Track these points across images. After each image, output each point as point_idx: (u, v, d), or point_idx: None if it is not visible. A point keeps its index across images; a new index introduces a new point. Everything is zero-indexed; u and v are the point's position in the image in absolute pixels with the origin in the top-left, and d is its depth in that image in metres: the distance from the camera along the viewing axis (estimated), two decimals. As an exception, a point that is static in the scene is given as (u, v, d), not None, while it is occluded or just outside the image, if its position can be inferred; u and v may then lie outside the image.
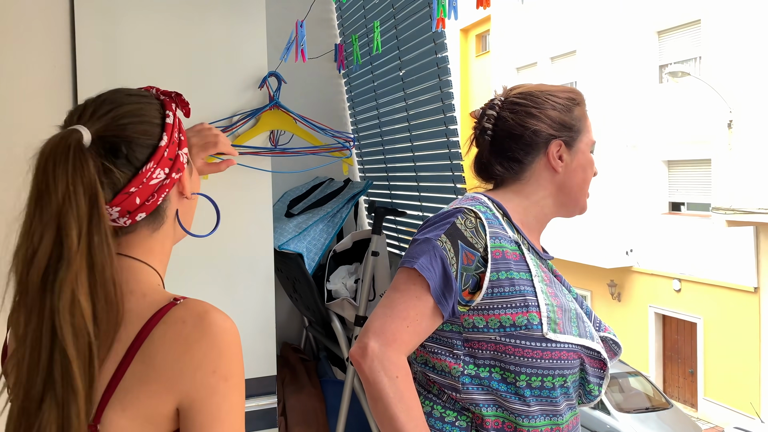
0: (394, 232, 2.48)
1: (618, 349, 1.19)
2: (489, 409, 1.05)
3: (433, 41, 1.88)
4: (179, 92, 0.89)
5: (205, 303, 0.78)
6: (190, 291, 1.53)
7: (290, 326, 2.64)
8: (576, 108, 1.16)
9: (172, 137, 0.81)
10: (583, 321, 1.11)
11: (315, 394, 2.21)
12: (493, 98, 1.19)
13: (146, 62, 1.74)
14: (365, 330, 1.02)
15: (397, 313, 1.01)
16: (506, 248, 1.06)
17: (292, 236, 2.12)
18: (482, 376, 1.05)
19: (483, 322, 1.04)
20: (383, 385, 0.97)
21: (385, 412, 0.97)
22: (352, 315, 2.06)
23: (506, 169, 1.15)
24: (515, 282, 1.04)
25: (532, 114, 1.12)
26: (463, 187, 1.91)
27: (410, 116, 2.16)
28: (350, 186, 2.39)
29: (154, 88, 0.88)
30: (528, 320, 1.03)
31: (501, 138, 1.14)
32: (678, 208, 10.86)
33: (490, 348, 1.05)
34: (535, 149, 1.13)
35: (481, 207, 1.09)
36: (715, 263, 9.77)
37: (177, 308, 0.75)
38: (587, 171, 1.16)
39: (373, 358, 0.98)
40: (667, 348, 11.18)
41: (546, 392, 1.05)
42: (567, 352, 1.05)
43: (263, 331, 1.84)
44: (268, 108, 1.83)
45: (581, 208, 1.19)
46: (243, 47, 1.82)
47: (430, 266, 1.02)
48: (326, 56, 2.57)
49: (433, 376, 1.09)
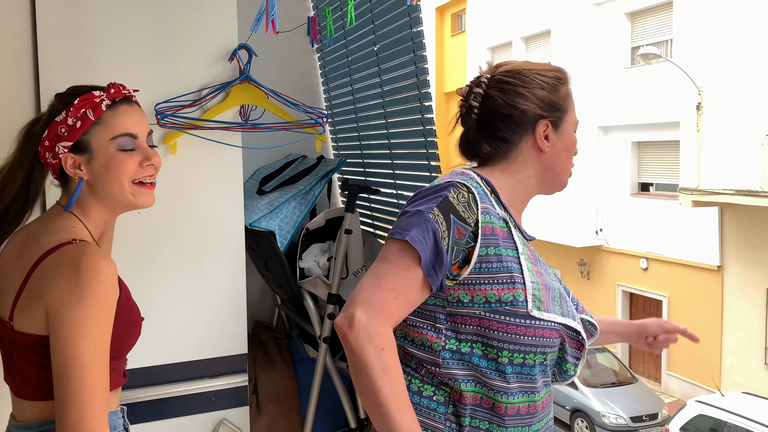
0: (367, 210, 2.47)
1: (594, 331, 1.20)
2: (468, 385, 1.05)
3: (408, 15, 1.85)
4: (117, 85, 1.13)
5: (92, 249, 1.03)
6: (159, 269, 1.51)
7: (262, 304, 2.62)
8: (562, 87, 1.15)
9: (60, 126, 1.08)
10: (565, 301, 1.12)
11: (287, 372, 2.21)
12: (479, 75, 1.17)
13: (111, 31, 1.67)
14: (352, 300, 1.00)
15: (386, 285, 1.00)
16: (495, 224, 1.06)
17: (264, 214, 2.09)
18: (463, 351, 1.05)
19: (468, 297, 1.04)
20: (369, 357, 0.96)
21: (369, 384, 0.96)
22: (324, 293, 2.05)
23: (494, 149, 1.14)
24: (503, 258, 1.04)
25: (520, 93, 1.11)
26: (437, 164, 1.90)
27: (385, 92, 2.13)
28: (323, 163, 2.36)
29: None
30: (514, 297, 1.03)
31: (488, 117, 1.13)
32: (647, 189, 11.07)
33: (474, 323, 1.04)
34: (523, 128, 1.12)
35: (473, 182, 1.08)
36: (681, 243, 10.03)
37: (68, 246, 1.03)
38: (571, 150, 1.17)
39: (359, 329, 0.96)
40: (633, 325, 11.47)
41: (527, 369, 1.06)
42: (550, 330, 1.06)
43: (234, 310, 1.82)
44: (238, 82, 1.78)
45: (562, 185, 1.19)
46: (212, 17, 1.76)
47: (422, 239, 1.00)
48: (299, 30, 2.52)
49: (413, 350, 1.09)
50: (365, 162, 2.41)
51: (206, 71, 1.77)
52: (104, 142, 1.09)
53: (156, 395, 1.72)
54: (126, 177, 1.10)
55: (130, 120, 1.11)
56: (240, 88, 1.80)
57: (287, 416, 2.09)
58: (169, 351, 1.74)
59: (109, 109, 1.10)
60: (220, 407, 1.80)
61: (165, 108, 1.70)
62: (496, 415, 1.05)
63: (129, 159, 1.10)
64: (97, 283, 0.99)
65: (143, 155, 1.12)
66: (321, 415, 2.09)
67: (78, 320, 0.97)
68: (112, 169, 1.09)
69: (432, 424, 1.06)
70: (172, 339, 1.74)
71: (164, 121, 1.69)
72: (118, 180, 1.10)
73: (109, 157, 1.09)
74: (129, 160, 1.10)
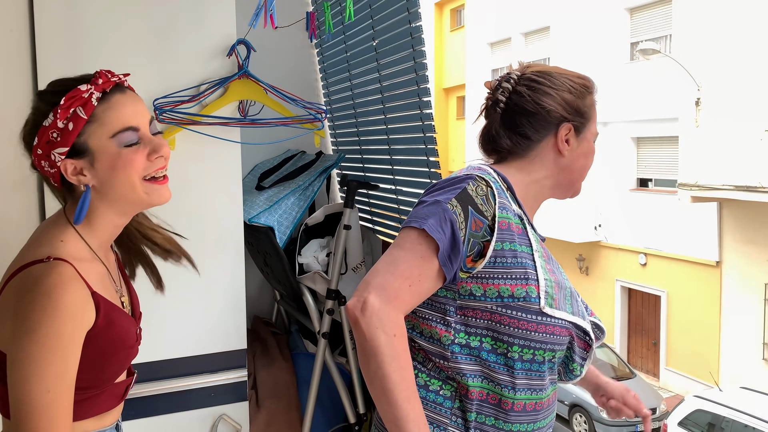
0: (366, 206, 2.47)
1: (601, 335, 1.21)
2: (475, 380, 1.06)
3: (407, 10, 1.84)
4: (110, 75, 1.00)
5: (57, 272, 0.90)
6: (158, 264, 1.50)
7: (261, 300, 2.63)
8: (588, 96, 1.17)
9: (50, 130, 0.95)
10: (576, 300, 1.13)
11: (286, 367, 2.21)
12: (509, 72, 1.18)
13: (109, 27, 1.67)
14: (365, 284, 0.99)
15: (401, 272, 1.00)
16: (511, 220, 1.06)
17: (263, 209, 2.09)
18: (472, 346, 1.06)
19: (480, 290, 1.04)
20: (380, 342, 0.95)
21: (377, 370, 0.96)
22: (323, 289, 2.05)
23: (514, 144, 1.14)
24: (518, 254, 1.04)
25: (548, 93, 1.12)
26: (436, 160, 1.90)
27: (383, 88, 2.13)
28: (322, 159, 2.36)
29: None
30: (527, 293, 1.03)
31: (513, 112, 1.14)
32: (646, 185, 11.07)
33: (485, 317, 1.05)
34: (546, 129, 1.13)
35: (490, 177, 1.09)
36: (680, 238, 10.04)
37: (38, 265, 0.91)
38: (589, 159, 1.19)
39: (372, 314, 0.96)
40: (632, 320, 11.51)
41: (536, 366, 1.07)
42: (560, 329, 1.07)
43: (233, 305, 1.82)
44: (237, 77, 1.78)
45: (575, 192, 1.21)
46: (210, 12, 1.75)
47: (439, 228, 1.00)
48: (297, 25, 2.51)
49: (421, 342, 1.09)
50: (364, 158, 2.41)
51: (205, 67, 1.76)
52: (104, 141, 0.96)
53: (155, 390, 1.73)
54: (136, 175, 0.98)
55: (128, 111, 0.98)
56: (238, 84, 1.80)
57: (286, 411, 2.09)
58: (169, 346, 1.74)
59: (102, 103, 0.96)
60: (220, 402, 1.81)
61: (163, 103, 1.70)
62: (502, 410, 1.06)
63: (135, 155, 0.97)
64: (52, 314, 0.87)
65: (150, 147, 0.99)
66: (320, 410, 2.10)
67: (28, 357, 0.86)
68: (119, 169, 0.96)
69: (438, 419, 1.06)
70: (171, 334, 1.74)
71: (163, 116, 1.68)
72: (127, 180, 0.97)
73: (113, 157, 0.96)
74: (136, 156, 0.97)
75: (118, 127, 0.96)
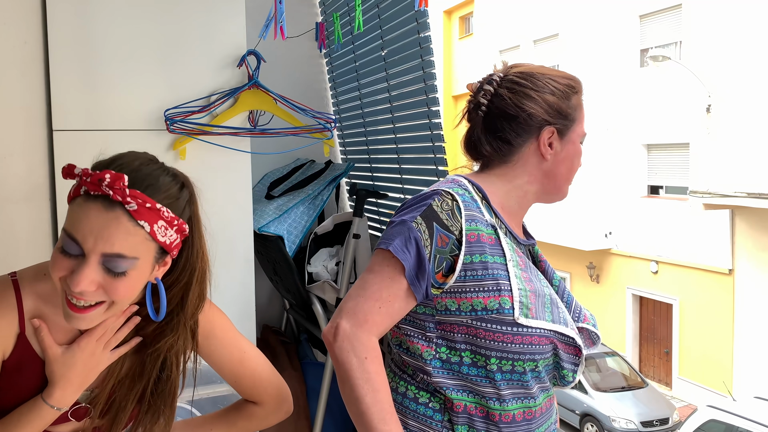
0: (375, 215, 2.47)
1: (597, 339, 1.18)
2: (459, 394, 1.05)
3: (416, 20, 1.85)
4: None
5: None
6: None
7: (271, 309, 2.63)
8: (574, 96, 1.12)
9: None
10: (557, 307, 1.10)
11: (295, 376, 2.21)
12: (492, 73, 1.15)
13: (120, 39, 1.69)
14: (338, 310, 1.02)
15: (370, 294, 1.01)
16: (482, 231, 1.05)
17: (273, 218, 2.10)
18: (453, 361, 1.05)
19: (455, 305, 1.04)
20: (351, 366, 0.97)
21: (351, 393, 0.97)
22: (332, 298, 2.05)
23: (495, 150, 1.12)
24: (489, 266, 1.03)
25: (529, 96, 1.09)
26: (445, 170, 1.90)
27: (392, 97, 2.14)
28: (331, 168, 2.37)
29: None
30: (500, 304, 1.02)
31: (494, 116, 1.11)
32: (656, 192, 10.99)
33: (462, 331, 1.04)
34: (527, 133, 1.10)
35: (459, 189, 1.07)
36: (692, 246, 9.94)
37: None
38: (574, 162, 1.14)
39: (343, 338, 0.97)
40: (643, 328, 11.40)
41: (517, 376, 1.05)
42: (539, 338, 1.04)
43: (243, 314, 1.82)
44: (247, 87, 1.79)
45: (562, 196, 1.17)
46: (221, 24, 1.77)
47: (404, 248, 1.01)
48: (307, 35, 2.53)
49: (407, 357, 1.09)
50: (373, 167, 2.42)
51: (215, 77, 1.78)
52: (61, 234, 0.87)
53: (165, 399, 1.73)
54: (55, 275, 0.84)
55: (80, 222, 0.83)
56: (249, 94, 1.81)
57: (295, 420, 2.09)
58: (179, 355, 1.75)
59: (72, 202, 0.85)
60: (229, 412, 1.80)
61: (174, 114, 1.71)
62: (491, 422, 1.05)
63: (57, 260, 0.83)
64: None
65: (78, 272, 0.81)
66: (329, 419, 2.09)
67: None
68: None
69: (428, 431, 1.06)
70: (181, 343, 1.75)
71: (174, 126, 1.70)
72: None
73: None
74: (56, 260, 0.83)
75: (67, 228, 0.84)
